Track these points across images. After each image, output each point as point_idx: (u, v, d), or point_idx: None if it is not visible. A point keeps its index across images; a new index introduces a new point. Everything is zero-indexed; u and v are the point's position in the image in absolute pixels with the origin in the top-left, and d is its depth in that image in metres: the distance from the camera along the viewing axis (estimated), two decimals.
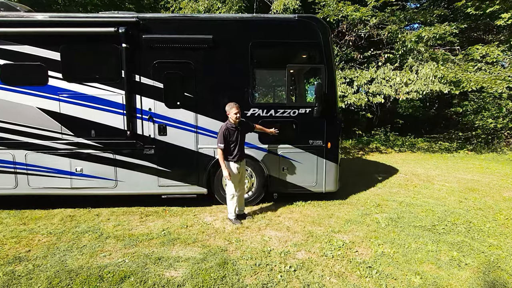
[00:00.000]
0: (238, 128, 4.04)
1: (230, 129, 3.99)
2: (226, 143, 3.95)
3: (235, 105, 3.96)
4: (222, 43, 4.53)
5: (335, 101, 4.73)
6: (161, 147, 4.65)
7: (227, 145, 3.97)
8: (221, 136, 3.93)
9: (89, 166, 4.65)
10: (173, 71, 4.56)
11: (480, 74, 9.19)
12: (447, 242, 3.43)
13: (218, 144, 3.95)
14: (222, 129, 3.96)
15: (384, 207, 4.69)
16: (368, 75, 9.70)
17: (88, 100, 4.53)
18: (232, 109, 3.94)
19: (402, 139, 13.20)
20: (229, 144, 3.99)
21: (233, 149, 4.03)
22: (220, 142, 3.94)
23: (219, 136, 3.96)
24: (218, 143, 3.97)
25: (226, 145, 3.96)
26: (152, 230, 4.00)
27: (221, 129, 3.99)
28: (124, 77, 4.45)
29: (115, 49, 4.41)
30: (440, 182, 6.31)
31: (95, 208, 4.91)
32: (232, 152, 4.03)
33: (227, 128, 3.97)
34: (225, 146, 3.95)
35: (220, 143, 3.93)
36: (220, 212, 4.64)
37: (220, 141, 3.94)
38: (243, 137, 4.16)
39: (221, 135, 3.93)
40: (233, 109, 3.93)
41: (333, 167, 4.84)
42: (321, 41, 4.58)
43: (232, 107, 3.94)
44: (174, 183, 4.75)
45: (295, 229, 3.91)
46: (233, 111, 3.93)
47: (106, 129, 4.57)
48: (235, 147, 4.03)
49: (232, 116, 3.95)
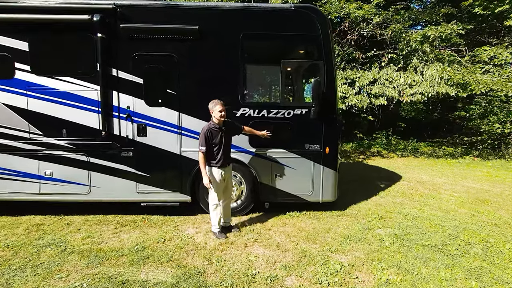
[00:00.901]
0: (223, 129, 3.57)
1: (213, 130, 3.52)
2: (208, 146, 3.48)
3: (219, 102, 3.49)
4: (210, 35, 4.06)
5: (334, 101, 4.25)
6: (140, 149, 4.17)
7: (209, 148, 3.49)
8: (203, 137, 3.46)
9: (59, 169, 4.17)
10: (154, 65, 4.09)
11: (488, 76, 8.72)
12: (463, 267, 2.95)
13: (199, 147, 3.48)
14: (204, 130, 3.49)
15: (388, 221, 4.21)
16: (370, 76, 9.23)
17: (59, 96, 4.06)
18: (216, 107, 3.47)
19: (404, 143, 12.72)
20: (212, 147, 3.51)
21: (216, 153, 3.55)
22: (201, 145, 3.47)
23: (201, 138, 3.49)
24: (199, 145, 3.49)
25: (208, 148, 3.49)
26: (124, 244, 3.52)
27: (203, 130, 3.51)
28: (100, 71, 3.98)
29: (90, 39, 3.94)
30: (448, 191, 5.82)
31: (68, 215, 4.44)
32: (215, 157, 3.56)
33: (209, 129, 3.50)
34: (207, 149, 3.47)
35: (202, 146, 3.46)
36: (204, 223, 4.15)
37: (201, 143, 3.47)
38: (228, 139, 3.69)
39: (203, 136, 3.46)
40: (217, 107, 3.46)
41: (331, 175, 4.35)
42: (320, 34, 4.11)
43: (216, 104, 3.47)
44: (154, 189, 4.27)
45: (287, 246, 3.43)
46: (217, 109, 3.45)
47: (79, 128, 4.10)
48: (218, 151, 3.56)
49: (216, 114, 3.48)
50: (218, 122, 3.53)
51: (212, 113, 3.51)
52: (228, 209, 3.88)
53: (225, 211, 3.82)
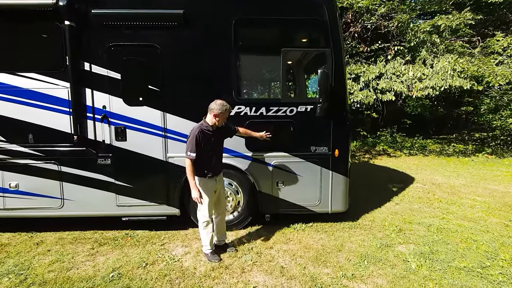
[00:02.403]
0: (215, 131, 2.98)
1: (206, 131, 2.91)
2: (199, 151, 2.86)
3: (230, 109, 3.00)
4: (197, 20, 3.47)
5: (344, 95, 3.65)
6: (120, 156, 3.59)
7: (200, 154, 2.86)
8: (193, 141, 2.83)
9: (26, 180, 3.59)
10: (133, 57, 3.50)
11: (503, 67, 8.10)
12: None
13: (188, 153, 2.85)
14: (195, 132, 2.87)
15: (409, 234, 3.62)
16: (376, 70, 8.64)
17: (23, 95, 3.47)
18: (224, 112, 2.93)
19: (410, 141, 12.14)
20: (204, 152, 2.90)
21: (209, 160, 2.97)
22: (190, 150, 2.84)
23: (190, 141, 2.87)
24: (187, 150, 2.86)
25: (200, 154, 2.86)
26: (98, 271, 2.94)
27: (193, 132, 2.90)
28: (69, 65, 3.39)
29: (57, 28, 3.35)
30: (469, 195, 5.22)
31: (41, 232, 3.88)
32: (208, 165, 2.97)
33: (201, 131, 2.88)
34: (197, 155, 2.86)
35: (191, 151, 2.83)
36: (195, 240, 3.58)
37: (190, 148, 2.84)
38: (221, 143, 3.11)
39: (193, 139, 2.83)
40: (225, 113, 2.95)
41: (342, 181, 3.76)
42: (327, 18, 3.51)
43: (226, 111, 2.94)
44: (137, 202, 3.68)
45: (292, 271, 2.84)
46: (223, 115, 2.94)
47: (47, 132, 3.52)
48: (210, 157, 2.97)
49: (216, 119, 2.91)
50: (212, 124, 2.94)
51: (211, 115, 2.91)
52: (223, 224, 3.30)
53: (219, 227, 3.25)
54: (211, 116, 2.91)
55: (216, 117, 2.89)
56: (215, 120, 2.91)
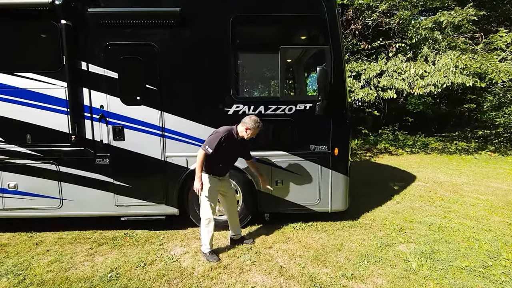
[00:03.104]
0: (239, 143, 3.07)
1: (232, 138, 2.98)
2: (216, 151, 2.87)
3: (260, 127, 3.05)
4: (194, 19, 3.43)
5: (344, 93, 3.61)
6: (118, 155, 3.57)
7: (215, 154, 2.89)
8: (217, 139, 2.88)
9: (25, 181, 3.59)
10: (130, 56, 3.47)
11: (506, 64, 7.99)
12: None
13: (207, 147, 2.88)
14: (220, 133, 2.92)
15: (409, 233, 3.58)
16: (377, 68, 8.56)
17: (20, 95, 3.46)
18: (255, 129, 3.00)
19: (412, 139, 12.05)
20: (219, 155, 2.93)
21: (219, 163, 3.04)
22: (210, 146, 2.87)
23: (212, 139, 2.91)
24: (207, 144, 2.90)
25: (215, 154, 2.88)
26: (96, 271, 2.93)
27: (219, 132, 2.94)
28: (66, 64, 3.37)
29: (53, 28, 3.34)
30: (472, 193, 5.16)
31: (40, 231, 3.88)
32: (216, 166, 3.04)
33: (227, 135, 2.93)
34: (213, 153, 2.87)
35: (210, 147, 2.86)
36: (194, 239, 3.56)
37: (211, 145, 2.87)
38: (236, 156, 3.22)
39: (218, 138, 2.88)
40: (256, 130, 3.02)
41: (342, 180, 3.73)
42: (326, 15, 3.46)
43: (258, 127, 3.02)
44: (135, 201, 3.67)
45: (291, 271, 2.81)
46: (253, 132, 3.01)
47: (45, 133, 3.50)
48: (222, 162, 3.06)
49: (247, 132, 2.99)
50: (241, 135, 3.02)
51: (243, 127, 2.99)
52: (235, 218, 3.35)
53: (232, 222, 3.33)
54: (243, 128, 2.98)
55: (248, 130, 2.97)
56: (245, 133, 2.99)
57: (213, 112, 3.55)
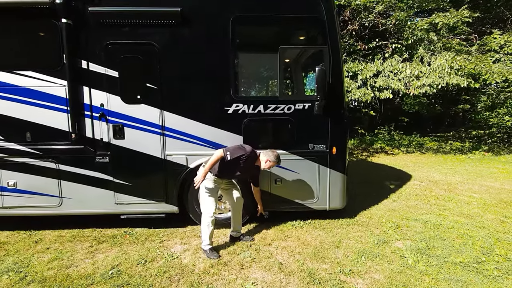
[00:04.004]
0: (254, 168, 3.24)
1: (250, 162, 3.12)
2: (231, 162, 3.00)
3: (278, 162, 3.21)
4: (195, 18, 3.47)
5: (342, 93, 3.67)
6: (118, 154, 3.59)
7: (229, 166, 3.06)
8: (239, 153, 3.01)
9: (24, 179, 3.59)
10: (131, 55, 3.49)
11: (500, 65, 8.15)
12: None
13: (227, 152, 2.98)
14: (246, 150, 3.06)
15: (406, 230, 3.65)
16: (373, 68, 8.67)
17: (20, 94, 3.46)
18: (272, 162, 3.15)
19: (408, 139, 12.20)
20: (232, 168, 3.11)
21: (226, 172, 3.15)
22: (231, 154, 2.98)
23: (238, 151, 3.04)
24: (229, 151, 3.01)
25: (229, 165, 3.04)
26: (97, 268, 2.95)
27: (248, 150, 3.08)
28: (66, 63, 3.38)
29: (54, 26, 3.34)
30: (466, 192, 5.27)
31: (40, 230, 3.87)
32: (221, 172, 3.13)
33: (249, 158, 3.07)
34: (228, 162, 3.00)
35: (231, 155, 2.97)
36: (194, 237, 3.60)
37: (233, 153, 2.99)
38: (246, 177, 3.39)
39: (240, 153, 3.02)
40: (272, 163, 3.16)
41: (340, 178, 3.79)
42: (324, 15, 3.52)
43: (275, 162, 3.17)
44: (135, 199, 3.69)
45: (291, 267, 2.87)
46: (270, 164, 3.16)
47: (45, 131, 3.51)
48: (229, 174, 3.19)
49: (266, 164, 3.15)
50: (259, 164, 3.20)
51: (265, 158, 3.14)
52: (237, 216, 3.41)
53: (234, 219, 3.40)
54: (265, 158, 3.13)
55: (267, 162, 3.13)
56: (264, 164, 3.15)
57: (213, 111, 3.59)
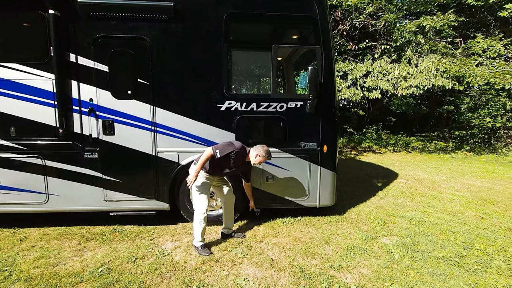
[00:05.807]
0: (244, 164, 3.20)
1: (240, 158, 3.09)
2: (221, 159, 2.99)
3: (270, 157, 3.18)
4: (188, 14, 3.43)
5: (333, 92, 3.73)
6: (107, 150, 3.53)
7: (219, 163, 3.05)
8: (229, 151, 2.98)
9: (9, 175, 3.47)
10: (121, 49, 3.42)
11: (482, 68, 8.48)
12: (490, 287, 2.53)
13: (217, 150, 2.96)
14: (235, 147, 3.02)
15: (392, 227, 3.77)
16: (363, 68, 8.83)
17: (5, 87, 3.33)
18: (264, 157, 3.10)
19: (395, 138, 12.52)
20: (223, 165, 3.10)
21: (217, 169, 3.13)
22: (220, 152, 2.95)
23: (227, 147, 3.00)
24: (218, 149, 2.98)
25: (219, 162, 3.03)
26: (86, 266, 2.90)
27: (237, 146, 3.04)
28: (54, 56, 3.28)
29: (41, 18, 3.23)
30: (449, 190, 5.48)
31: (24, 227, 3.76)
32: (213, 169, 3.12)
33: (239, 154, 3.03)
34: (218, 159, 2.99)
35: (220, 153, 2.95)
36: (185, 234, 3.58)
37: (223, 151, 2.96)
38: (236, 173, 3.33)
39: (229, 149, 2.98)
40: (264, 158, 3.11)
41: (330, 176, 3.86)
42: (317, 15, 3.56)
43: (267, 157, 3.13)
44: (125, 196, 3.64)
45: (282, 263, 2.91)
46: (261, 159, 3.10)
47: (31, 125, 3.40)
48: (220, 170, 3.15)
49: (257, 159, 3.09)
50: (249, 160, 3.15)
51: (255, 153, 3.09)
52: (229, 213, 3.41)
53: (226, 216, 3.40)
54: (255, 153, 3.08)
55: (258, 157, 3.08)
56: (254, 159, 3.10)
57: (206, 108, 3.57)
